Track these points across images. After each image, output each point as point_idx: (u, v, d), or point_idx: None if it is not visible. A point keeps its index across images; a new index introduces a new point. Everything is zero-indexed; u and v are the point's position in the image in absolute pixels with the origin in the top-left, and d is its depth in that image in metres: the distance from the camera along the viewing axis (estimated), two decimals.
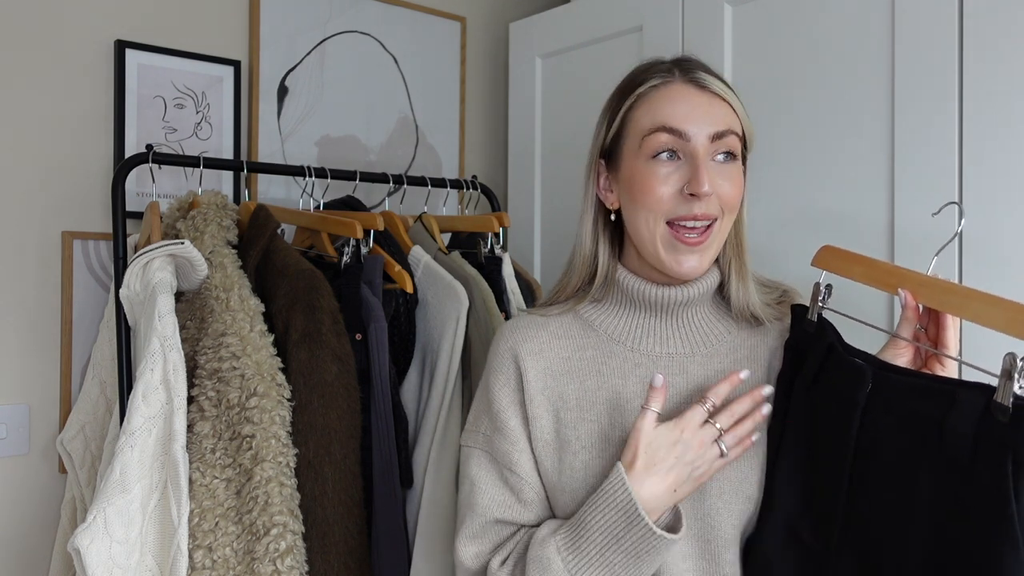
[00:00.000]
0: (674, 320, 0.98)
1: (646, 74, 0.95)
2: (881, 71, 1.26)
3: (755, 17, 1.44)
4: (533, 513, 0.96)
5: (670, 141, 0.90)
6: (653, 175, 0.91)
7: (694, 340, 0.98)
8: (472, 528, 0.96)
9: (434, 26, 2.02)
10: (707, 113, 0.91)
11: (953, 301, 0.84)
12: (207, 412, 1.19)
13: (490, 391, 1.00)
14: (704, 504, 0.91)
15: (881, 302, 1.23)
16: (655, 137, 0.91)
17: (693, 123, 0.90)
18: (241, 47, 1.74)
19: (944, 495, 0.76)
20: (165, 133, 1.63)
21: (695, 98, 0.92)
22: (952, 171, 1.17)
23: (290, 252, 1.33)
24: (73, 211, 1.54)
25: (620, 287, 0.99)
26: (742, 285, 0.98)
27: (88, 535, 1.06)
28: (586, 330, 1.00)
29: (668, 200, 0.91)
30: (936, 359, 0.89)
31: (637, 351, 0.97)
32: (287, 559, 1.12)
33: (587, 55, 1.77)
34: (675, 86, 0.92)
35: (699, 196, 0.89)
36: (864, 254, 0.95)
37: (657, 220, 0.92)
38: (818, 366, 0.90)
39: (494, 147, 2.16)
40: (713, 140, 0.91)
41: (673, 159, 0.91)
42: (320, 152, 1.84)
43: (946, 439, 0.76)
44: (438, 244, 1.54)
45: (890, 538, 0.80)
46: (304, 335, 1.23)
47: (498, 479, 0.97)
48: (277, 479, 1.15)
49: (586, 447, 0.94)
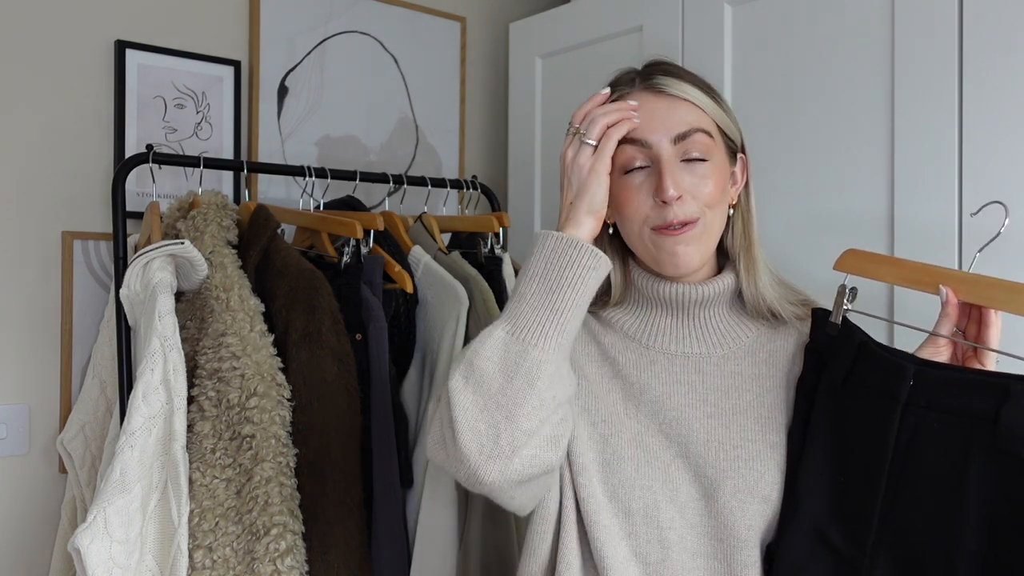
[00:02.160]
0: (690, 320, 0.98)
1: (614, 87, 0.96)
2: (881, 71, 1.26)
3: (755, 17, 1.44)
4: None
5: (636, 153, 0.92)
6: (628, 188, 0.92)
7: (711, 341, 0.97)
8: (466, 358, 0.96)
9: (434, 26, 2.02)
10: (666, 117, 0.92)
11: (999, 296, 0.82)
12: (207, 412, 1.19)
13: None
14: (718, 502, 0.90)
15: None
16: (621, 151, 0.92)
17: (653, 131, 0.91)
18: (241, 47, 1.74)
19: (998, 495, 0.73)
20: (165, 133, 1.63)
21: (652, 104, 0.92)
22: (952, 171, 1.17)
23: (290, 252, 1.33)
24: (73, 211, 1.54)
25: (636, 287, 0.99)
26: (753, 279, 0.98)
27: (88, 535, 1.06)
28: (604, 328, 1.00)
29: (646, 209, 0.92)
30: (975, 357, 0.87)
31: (652, 348, 0.97)
32: (287, 559, 1.12)
33: (587, 55, 1.77)
34: (633, 95, 0.93)
35: (668, 202, 0.90)
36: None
37: (643, 229, 0.93)
38: (849, 365, 0.88)
39: (494, 147, 2.16)
40: (677, 142, 0.91)
41: (643, 168, 0.92)
42: (320, 152, 1.84)
43: (1001, 434, 0.73)
44: (438, 244, 1.54)
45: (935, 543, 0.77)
46: (304, 335, 1.23)
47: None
48: (277, 479, 1.15)
49: (605, 421, 0.93)
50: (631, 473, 0.90)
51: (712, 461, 0.91)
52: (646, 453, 0.92)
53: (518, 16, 2.13)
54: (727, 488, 0.90)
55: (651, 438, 0.93)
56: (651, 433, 0.93)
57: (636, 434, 0.93)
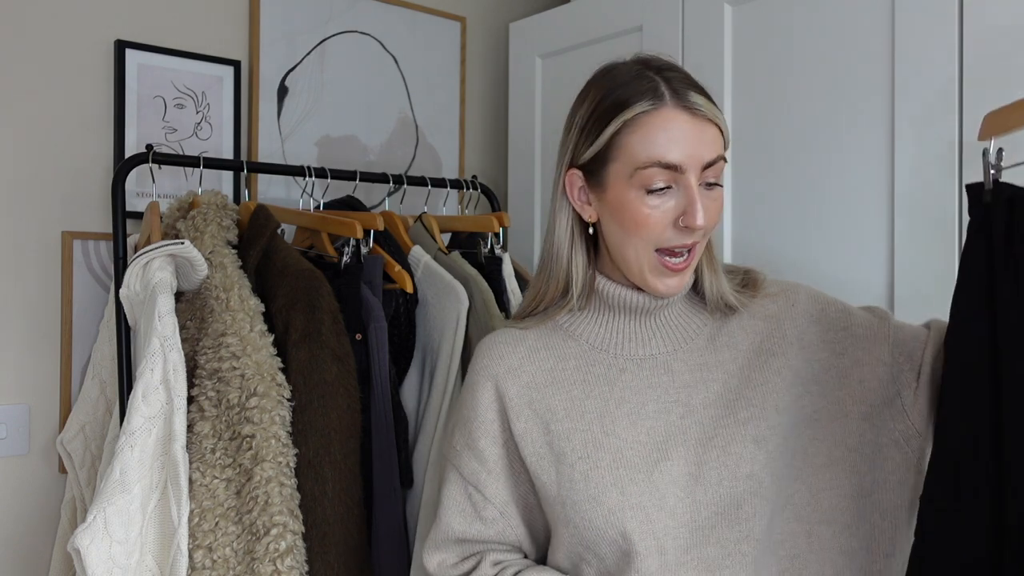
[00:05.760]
0: (651, 320, 0.99)
1: (631, 92, 0.91)
2: (881, 71, 1.26)
3: (755, 17, 1.44)
4: (493, 529, 1.00)
5: (666, 176, 0.89)
6: (646, 206, 0.90)
7: (675, 338, 0.99)
8: (435, 540, 1.02)
9: (434, 26, 2.02)
10: (700, 142, 0.89)
11: None
12: (207, 412, 1.19)
13: (466, 408, 1.02)
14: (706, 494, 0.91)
15: None
16: (650, 172, 0.89)
17: (688, 156, 0.89)
18: (241, 47, 1.74)
19: None
20: (165, 133, 1.63)
21: (688, 127, 0.89)
22: (952, 171, 1.17)
23: (290, 252, 1.33)
24: (73, 211, 1.54)
25: (600, 295, 0.99)
26: (715, 278, 0.99)
27: (88, 535, 1.06)
28: (566, 340, 1.01)
29: (663, 230, 0.91)
30: None
31: (621, 356, 0.98)
32: (287, 559, 1.12)
33: (587, 55, 1.77)
34: (667, 113, 0.89)
35: (694, 228, 0.90)
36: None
37: (647, 248, 0.92)
38: (1005, 226, 0.77)
39: (494, 147, 2.16)
40: (704, 169, 0.90)
41: (667, 191, 0.90)
42: (320, 152, 1.84)
43: None
44: (438, 244, 1.54)
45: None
46: (304, 335, 1.23)
47: (463, 495, 1.01)
48: (277, 479, 1.15)
49: (582, 457, 0.94)
50: (617, 499, 0.91)
51: (692, 458, 0.92)
52: (628, 471, 0.92)
53: (518, 16, 2.13)
54: (711, 478, 0.91)
55: (630, 451, 0.93)
56: (630, 446, 0.93)
57: (616, 452, 0.93)
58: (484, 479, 0.99)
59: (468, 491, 1.00)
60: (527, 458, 0.96)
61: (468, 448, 1.00)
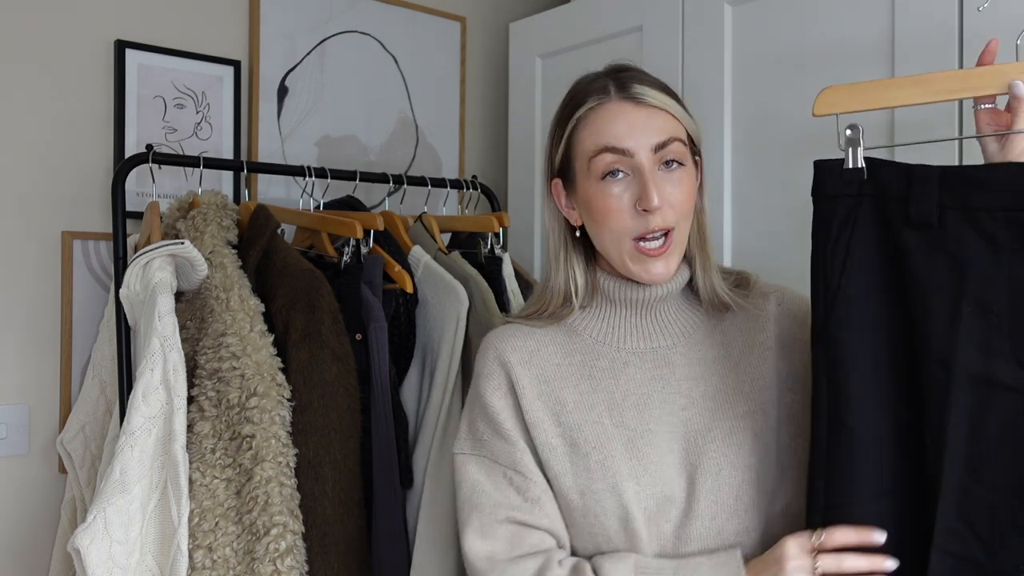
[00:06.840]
0: (651, 314, 1.03)
1: (584, 94, 0.98)
2: (881, 71, 1.26)
3: (755, 17, 1.44)
4: (542, 511, 0.97)
5: (615, 160, 0.95)
6: (607, 195, 0.95)
7: (674, 332, 1.03)
8: (480, 526, 0.97)
9: (434, 26, 2.02)
10: (646, 127, 0.95)
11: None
12: (207, 412, 1.19)
13: (483, 397, 1.02)
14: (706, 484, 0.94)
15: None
16: (600, 158, 0.95)
17: (633, 139, 0.94)
18: (241, 47, 1.74)
19: None
20: (165, 133, 1.63)
21: (632, 114, 0.95)
22: None
23: (290, 252, 1.33)
24: (73, 211, 1.54)
25: (603, 291, 1.04)
26: (708, 276, 1.03)
27: (88, 535, 1.06)
28: (571, 336, 1.04)
29: (627, 219, 0.95)
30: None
31: (623, 350, 1.02)
32: (287, 559, 1.12)
33: (587, 55, 1.77)
34: (611, 105, 0.96)
35: (651, 211, 0.93)
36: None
37: (622, 239, 0.96)
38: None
39: (494, 147, 2.16)
40: (656, 151, 0.95)
41: (623, 177, 0.95)
42: (320, 152, 1.84)
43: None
44: (438, 244, 1.54)
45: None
46: (304, 335, 1.23)
47: (502, 479, 0.99)
48: (277, 479, 1.15)
49: (596, 447, 0.97)
50: (633, 487, 0.94)
51: (693, 448, 0.96)
52: (641, 460, 0.96)
53: (518, 16, 2.13)
54: (710, 469, 0.94)
55: (642, 441, 0.97)
56: (640, 436, 0.97)
57: (628, 443, 0.97)
58: (520, 458, 0.98)
59: (508, 475, 0.99)
60: (539, 447, 0.98)
61: (495, 434, 1.00)
